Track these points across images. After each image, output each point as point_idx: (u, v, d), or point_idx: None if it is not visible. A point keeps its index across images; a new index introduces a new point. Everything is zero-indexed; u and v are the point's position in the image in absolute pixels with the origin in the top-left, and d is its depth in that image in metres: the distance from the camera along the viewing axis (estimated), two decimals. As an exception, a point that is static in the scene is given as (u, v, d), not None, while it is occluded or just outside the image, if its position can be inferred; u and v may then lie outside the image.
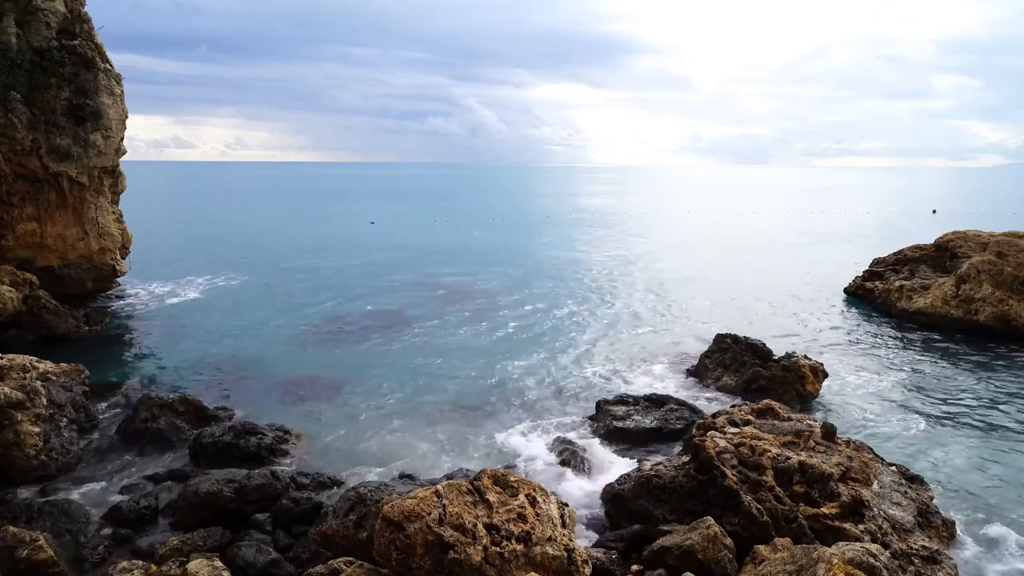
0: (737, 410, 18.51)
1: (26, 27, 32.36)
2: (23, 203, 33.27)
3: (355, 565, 12.05)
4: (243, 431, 19.63)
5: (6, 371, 18.89)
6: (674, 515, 14.78)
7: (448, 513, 11.26)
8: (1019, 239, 34.19)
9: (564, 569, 11.39)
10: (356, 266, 52.40)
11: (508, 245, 66.19)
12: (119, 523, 15.54)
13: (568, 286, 44.61)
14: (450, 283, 45.11)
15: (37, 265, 33.69)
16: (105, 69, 34.48)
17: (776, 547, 12.63)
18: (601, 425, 21.07)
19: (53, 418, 18.71)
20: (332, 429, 21.17)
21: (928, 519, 14.72)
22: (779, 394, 22.46)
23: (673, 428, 20.47)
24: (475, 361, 28.18)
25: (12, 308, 29.67)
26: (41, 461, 17.49)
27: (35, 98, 32.18)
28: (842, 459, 15.37)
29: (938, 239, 39.85)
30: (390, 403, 23.34)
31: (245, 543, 14.29)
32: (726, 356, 25.78)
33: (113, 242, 36.44)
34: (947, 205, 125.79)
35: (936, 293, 34.45)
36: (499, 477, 12.54)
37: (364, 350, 29.82)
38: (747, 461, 15.02)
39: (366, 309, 37.58)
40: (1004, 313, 31.53)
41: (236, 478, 16.32)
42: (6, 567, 12.88)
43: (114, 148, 35.29)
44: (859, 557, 10.80)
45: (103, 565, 13.92)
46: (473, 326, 33.90)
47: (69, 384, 20.80)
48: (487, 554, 10.93)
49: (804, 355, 25.03)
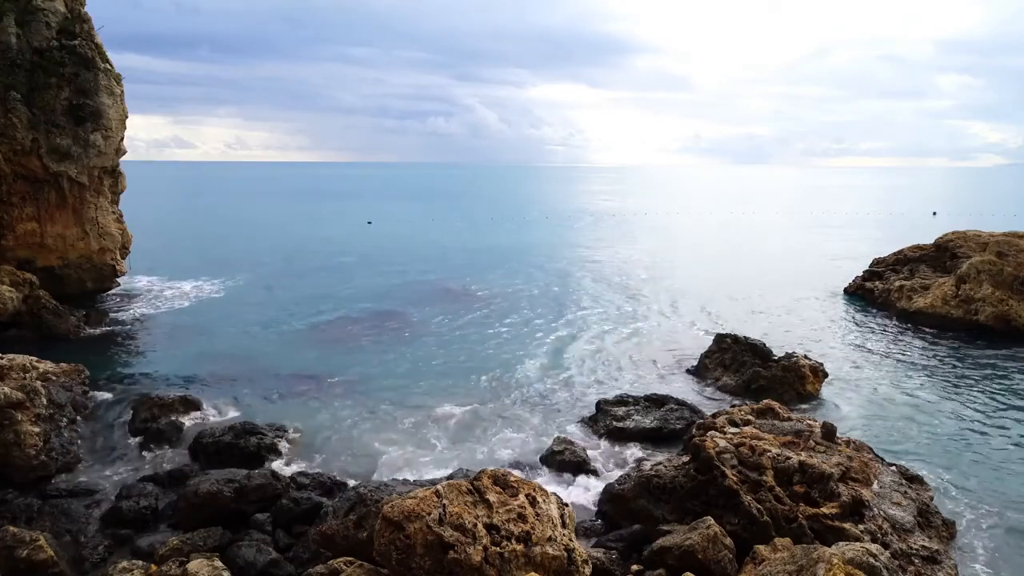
0: (737, 410, 18.51)
1: (26, 27, 32.36)
2: (23, 203, 33.27)
3: (355, 565, 12.05)
4: (243, 431, 19.64)
5: (6, 371, 18.90)
6: (674, 515, 14.78)
7: (448, 513, 11.25)
8: (1019, 239, 34.21)
9: (564, 569, 11.39)
10: (355, 266, 52.40)
11: (508, 245, 66.19)
12: (119, 523, 15.54)
13: (568, 286, 44.61)
14: (449, 283, 45.10)
15: (37, 265, 33.69)
16: (105, 69, 34.47)
17: (776, 547, 12.63)
18: (601, 425, 21.07)
19: (53, 418, 18.72)
20: (332, 429, 21.17)
21: (928, 519, 14.72)
22: (779, 394, 22.46)
23: (673, 428, 20.47)
24: (475, 361, 28.17)
25: (12, 308, 29.67)
26: (41, 461, 17.49)
27: (35, 98, 32.18)
28: (842, 459, 15.37)
29: (938, 239, 39.86)
30: (390, 403, 23.33)
31: (245, 543, 14.29)
32: (726, 356, 25.78)
33: (113, 242, 36.43)
34: (947, 205, 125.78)
35: (936, 293, 34.45)
36: (499, 477, 12.53)
37: (363, 350, 29.81)
38: (747, 461, 15.02)
39: (365, 309, 37.57)
40: (1004, 313, 31.53)
41: (236, 478, 16.32)
42: (6, 567, 12.87)
43: (114, 148, 35.28)
44: (859, 557, 10.79)
45: (103, 565, 13.93)
46: (473, 326, 33.89)
47: (69, 384, 20.82)
48: (487, 554, 10.92)
49: (804, 355, 25.03)
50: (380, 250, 61.88)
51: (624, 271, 50.70)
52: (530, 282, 45.74)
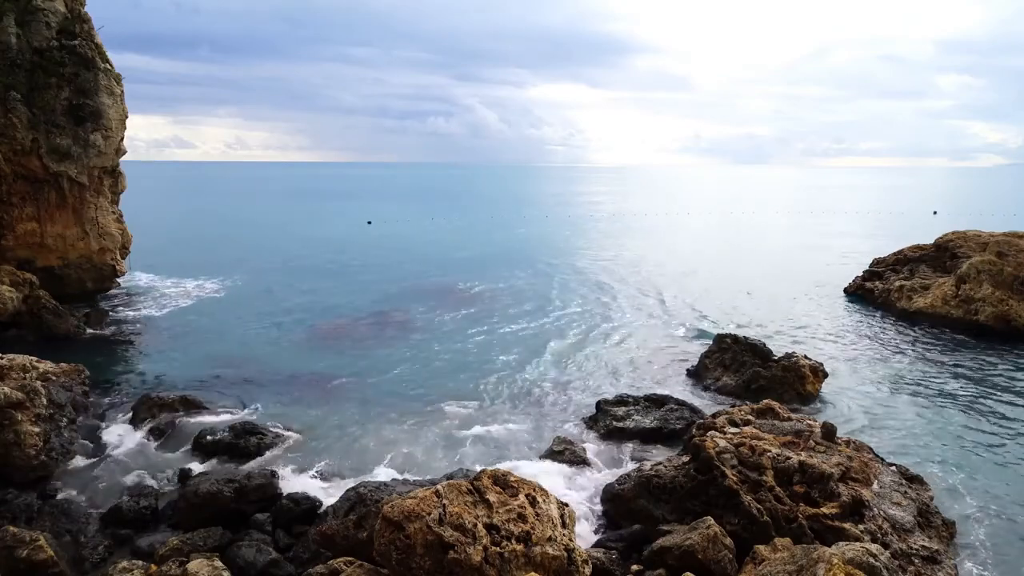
0: (737, 410, 18.51)
1: (26, 27, 32.37)
2: (23, 203, 33.27)
3: (355, 565, 12.06)
4: (243, 431, 19.66)
5: (6, 371, 18.89)
6: (674, 515, 14.78)
7: (448, 513, 11.26)
8: (1019, 239, 34.20)
9: (564, 569, 11.39)
10: (355, 266, 52.40)
11: (508, 245, 66.20)
12: (119, 523, 15.54)
13: (568, 286, 44.61)
14: (448, 283, 45.10)
15: (37, 265, 33.69)
16: (105, 69, 34.47)
17: (776, 547, 12.63)
18: (601, 425, 21.07)
19: (53, 418, 18.71)
20: (332, 429, 21.17)
21: (928, 519, 14.72)
22: (779, 394, 22.46)
23: (673, 428, 20.47)
24: (475, 361, 28.18)
25: (12, 308, 29.67)
26: (41, 461, 17.48)
27: (35, 98, 32.18)
28: (842, 459, 15.38)
29: (938, 239, 39.85)
30: (390, 403, 23.33)
31: (245, 543, 14.29)
32: (726, 356, 25.77)
33: (113, 242, 36.44)
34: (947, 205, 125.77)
35: (936, 293, 34.46)
36: (499, 477, 12.54)
37: (363, 350, 29.82)
38: (747, 461, 15.03)
39: (365, 309, 37.57)
40: (1004, 313, 31.53)
41: (236, 478, 16.33)
42: (6, 567, 12.87)
43: (114, 148, 35.29)
44: (859, 557, 10.80)
45: (103, 565, 13.93)
46: (472, 326, 33.90)
47: (69, 384, 20.81)
48: (487, 554, 10.93)
49: (804, 355, 25.02)
50: (380, 250, 61.90)
51: (624, 271, 50.68)
52: (530, 282, 45.74)
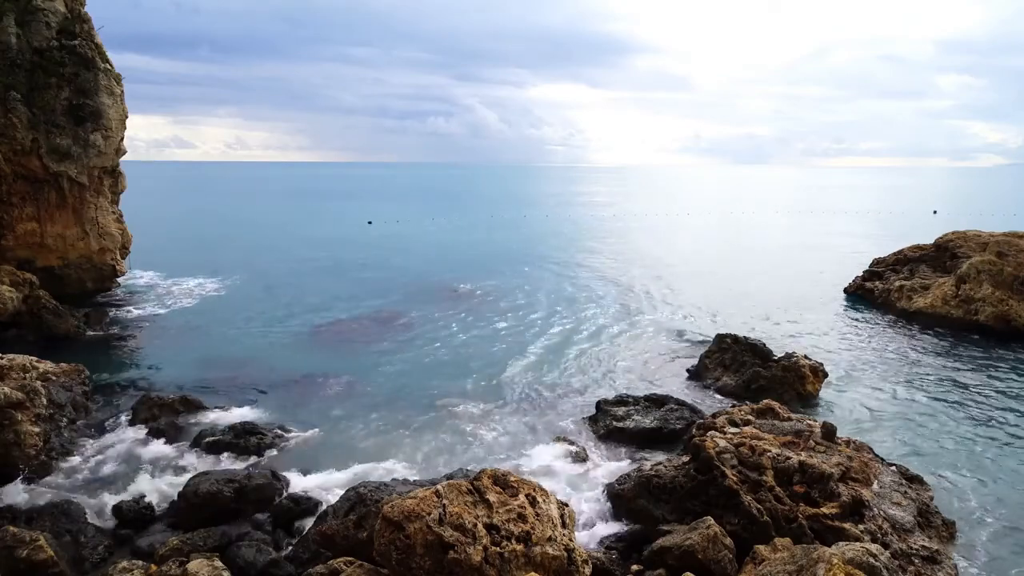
0: (737, 410, 18.51)
1: (26, 27, 32.37)
2: (23, 203, 33.28)
3: (355, 565, 12.05)
4: (243, 431, 19.66)
5: (6, 371, 18.90)
6: (674, 515, 14.78)
7: (448, 513, 11.26)
8: (1019, 239, 34.20)
9: (564, 569, 11.39)
10: (355, 266, 52.41)
11: (508, 245, 66.21)
12: (119, 523, 15.56)
13: (568, 286, 44.61)
14: (448, 283, 45.10)
15: (37, 265, 33.70)
16: (105, 69, 34.49)
17: (776, 547, 12.63)
18: (601, 425, 21.06)
19: (53, 418, 18.72)
20: (332, 429, 21.17)
21: (928, 519, 14.72)
22: (779, 394, 22.45)
23: (673, 428, 20.46)
24: (475, 361, 28.18)
25: (12, 308, 29.66)
26: (41, 461, 17.49)
27: (35, 98, 32.19)
28: (842, 459, 15.38)
29: (938, 239, 39.85)
30: (390, 403, 23.33)
31: (245, 543, 14.29)
32: (726, 356, 25.77)
33: (113, 242, 36.45)
34: (947, 205, 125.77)
35: (936, 293, 34.46)
36: (499, 477, 12.54)
37: (364, 349, 29.82)
38: (747, 461, 15.02)
39: (365, 309, 37.58)
40: (1004, 313, 31.53)
41: (236, 478, 16.33)
42: (6, 567, 12.87)
43: (114, 148, 35.29)
44: (859, 557, 10.79)
45: (103, 565, 13.92)
46: (472, 326, 33.90)
47: (69, 384, 20.81)
48: (487, 554, 10.93)
49: (804, 355, 25.02)
50: (380, 250, 61.90)
51: (624, 271, 50.67)
52: (530, 282, 45.74)
